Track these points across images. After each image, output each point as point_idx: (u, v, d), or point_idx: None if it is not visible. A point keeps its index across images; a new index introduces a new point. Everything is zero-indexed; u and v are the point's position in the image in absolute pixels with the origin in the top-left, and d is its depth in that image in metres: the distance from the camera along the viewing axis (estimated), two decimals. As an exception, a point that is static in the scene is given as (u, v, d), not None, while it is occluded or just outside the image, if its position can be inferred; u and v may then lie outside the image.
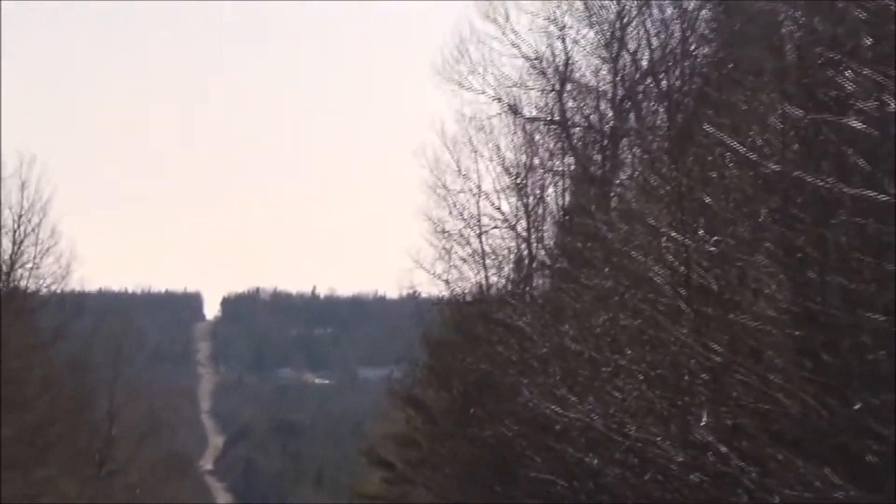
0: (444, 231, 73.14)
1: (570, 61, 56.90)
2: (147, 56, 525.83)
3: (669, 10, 48.74)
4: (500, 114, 63.43)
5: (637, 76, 52.05)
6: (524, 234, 66.55)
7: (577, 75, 58.00)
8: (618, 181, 53.94)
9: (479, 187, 68.43)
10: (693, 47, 46.60)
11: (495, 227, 68.62)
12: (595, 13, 54.12)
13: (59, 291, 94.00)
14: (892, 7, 29.68)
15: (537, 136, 62.57)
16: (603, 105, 55.81)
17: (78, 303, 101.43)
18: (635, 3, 51.45)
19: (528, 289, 64.73)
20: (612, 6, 53.16)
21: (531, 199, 65.58)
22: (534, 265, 65.72)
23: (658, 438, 39.94)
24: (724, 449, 36.22)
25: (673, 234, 39.51)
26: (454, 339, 76.98)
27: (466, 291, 74.78)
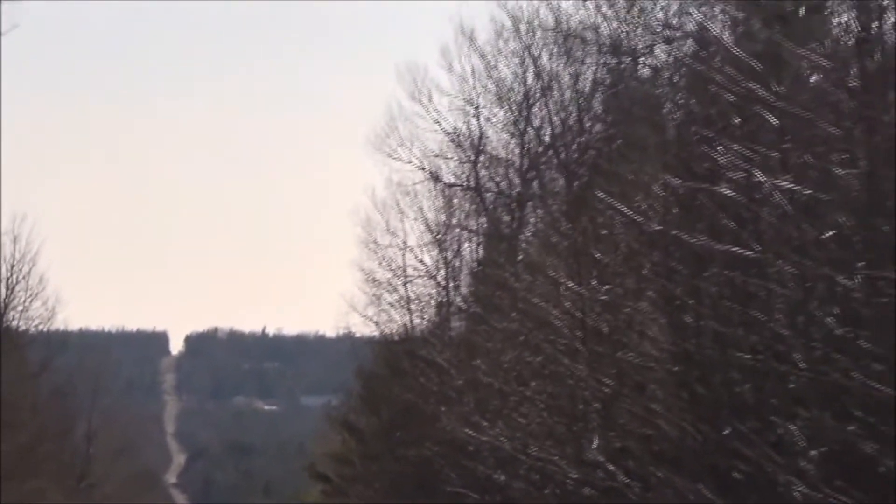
0: (374, 280, 73.39)
1: (483, 136, 57.19)
2: (96, 107, 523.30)
3: (568, 93, 48.79)
4: (423, 180, 63.84)
5: (540, 149, 52.16)
6: (443, 283, 66.70)
7: (490, 148, 58.15)
8: (523, 238, 54.03)
9: (404, 243, 68.74)
10: (588, 125, 46.73)
11: (419, 277, 68.92)
12: (504, 95, 54.24)
13: (45, 330, 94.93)
14: (757, 91, 29.94)
15: (455, 200, 62.78)
16: (511, 174, 55.91)
17: (62, 340, 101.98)
18: (539, 86, 51.54)
19: (446, 330, 64.76)
20: (520, 89, 53.32)
21: (449, 253, 65.79)
22: (451, 310, 65.84)
23: (556, 458, 40.11)
24: (612, 467, 36.44)
25: (570, 284, 39.67)
26: (383, 373, 77.35)
27: (394, 332, 74.95)
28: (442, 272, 67.15)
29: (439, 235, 66.11)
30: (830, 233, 28.82)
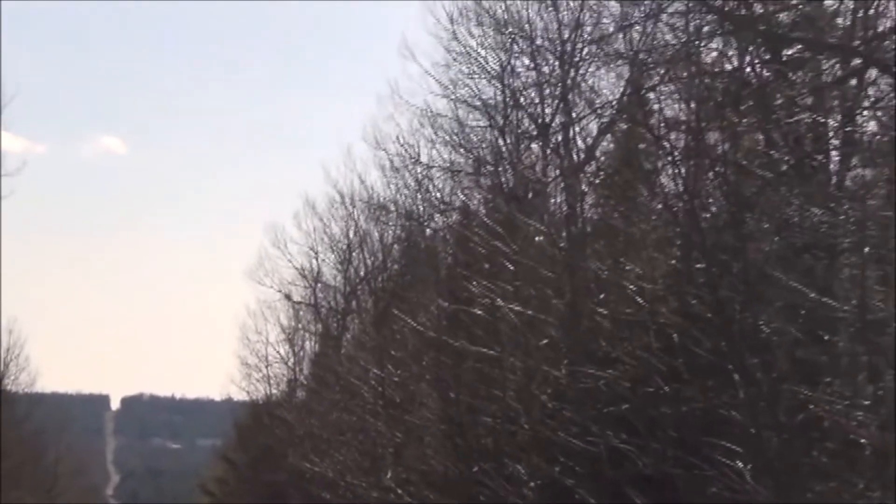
0: (246, 363, 72.95)
1: (320, 272, 57.30)
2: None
3: (377, 244, 49.00)
4: (280, 299, 63.91)
5: (357, 281, 52.24)
6: (292, 367, 66.53)
7: (324, 279, 58.20)
8: (345, 339, 53.98)
9: (266, 339, 68.66)
10: (389, 265, 46.88)
11: (276, 363, 68.80)
12: (335, 245, 54.41)
13: (27, 392, 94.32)
14: (499, 247, 30.16)
15: (301, 313, 62.78)
16: (338, 296, 55.92)
17: (38, 398, 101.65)
18: (357, 239, 51.82)
19: (293, 398, 64.55)
20: (345, 241, 53.70)
21: (297, 347, 65.66)
22: (297, 384, 65.59)
23: (363, 484, 39.92)
24: (400, 491, 36.37)
25: (375, 370, 39.69)
26: (251, 425, 77.23)
27: (259, 398, 74.60)
28: (291, 360, 67.01)
29: (290, 335, 66.02)
30: (545, 340, 29.06)
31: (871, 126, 19.75)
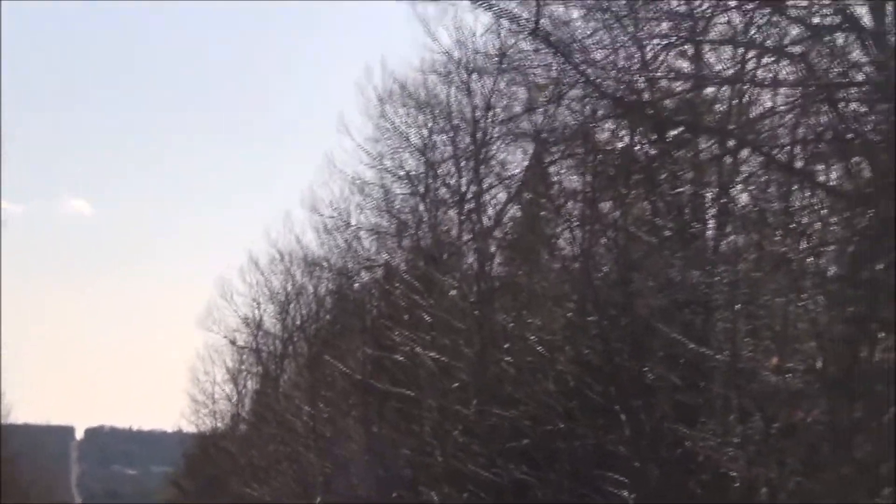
0: (196, 400, 72.15)
1: (261, 321, 56.73)
2: None
3: (311, 297, 48.61)
4: (226, 344, 63.20)
5: (294, 328, 51.79)
6: (236, 403, 65.81)
7: (266, 327, 57.63)
8: (283, 380, 53.50)
9: (213, 379, 68.00)
10: (322, 316, 46.55)
11: (222, 399, 68.10)
12: (275, 297, 53.92)
13: (3, 424, 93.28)
14: (418, 300, 30.02)
15: (244, 356, 62.14)
16: (277, 342, 55.41)
17: (10, 430, 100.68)
18: (294, 292, 51.43)
19: (237, 431, 63.90)
20: (283, 294, 53.26)
21: (240, 386, 65.00)
22: (240, 419, 64.87)
23: None
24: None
25: (307, 407, 39.47)
26: (199, 454, 76.46)
27: (206, 431, 73.72)
28: (235, 397, 66.32)
29: (234, 376, 65.36)
30: (457, 384, 28.94)
31: (744, 198, 19.77)
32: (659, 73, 18.06)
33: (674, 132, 19.44)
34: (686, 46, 17.94)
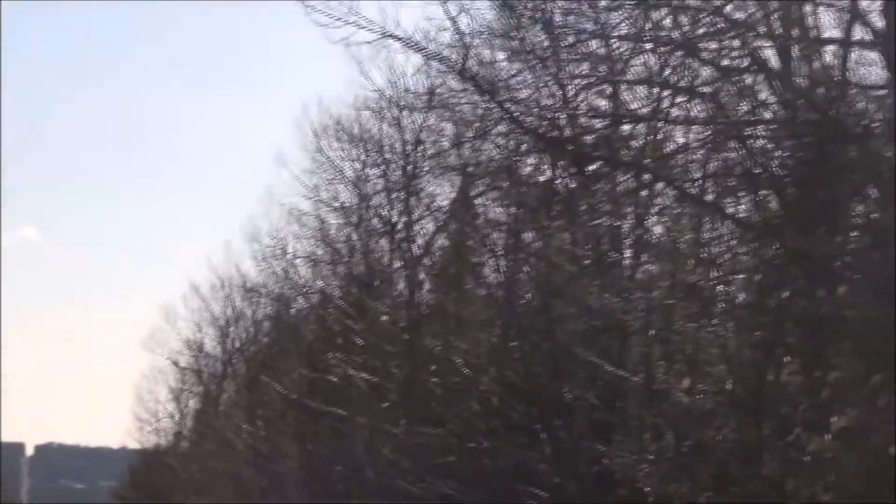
0: (140, 418, 71.23)
1: (202, 344, 56.14)
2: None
3: (250, 321, 48.29)
4: (170, 366, 62.57)
5: (233, 351, 51.37)
6: (178, 422, 65.07)
7: (207, 349, 57.05)
8: (222, 401, 53.01)
9: (157, 398, 67.26)
10: (260, 338, 46.19)
11: (165, 418, 67.36)
12: (215, 321, 53.45)
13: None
14: (351, 325, 29.81)
15: (186, 377, 61.43)
16: (217, 363, 54.90)
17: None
18: (233, 317, 51.04)
19: (178, 448, 63.22)
20: (223, 319, 52.81)
21: (182, 404, 64.34)
22: (182, 437, 64.15)
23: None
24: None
25: (246, 425, 39.12)
26: (144, 469, 75.77)
27: (151, 447, 72.88)
28: (177, 416, 65.55)
29: (177, 395, 64.65)
30: (387, 403, 28.74)
31: (658, 230, 19.73)
32: (579, 111, 18.01)
33: (593, 167, 19.34)
34: (604, 86, 17.87)
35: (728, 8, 15.82)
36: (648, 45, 16.80)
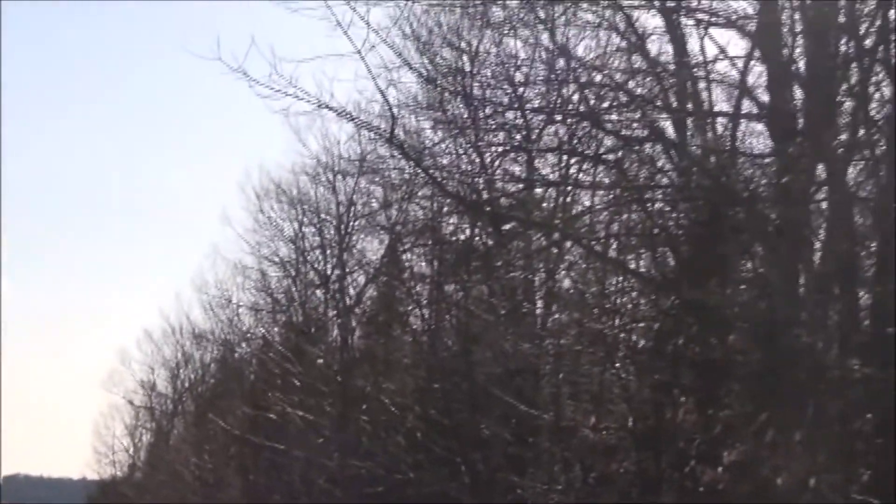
0: (98, 451, 69.59)
1: (155, 384, 54.98)
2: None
3: (198, 364, 47.42)
4: (124, 403, 61.28)
5: (183, 391, 50.38)
6: (133, 455, 63.80)
7: (159, 389, 55.91)
8: (173, 434, 52.00)
9: (113, 433, 65.95)
10: (208, 379, 45.39)
11: (120, 451, 65.88)
12: (167, 363, 52.52)
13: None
14: (290, 368, 29.23)
15: (140, 413, 60.34)
16: (168, 402, 53.88)
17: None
18: (183, 360, 50.18)
19: (132, 480, 61.89)
20: (174, 359, 51.92)
21: (137, 439, 63.03)
22: (136, 468, 62.84)
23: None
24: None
25: (193, 458, 38.30)
26: (102, 498, 73.61)
27: (107, 478, 71.16)
28: (132, 449, 64.18)
29: (131, 431, 63.35)
30: (322, 439, 28.22)
31: (567, 283, 19.49)
32: (496, 177, 17.82)
33: (508, 226, 19.10)
34: (519, 154, 17.70)
35: (629, 84, 15.70)
36: (558, 117, 16.66)
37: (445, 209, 20.89)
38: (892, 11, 13.97)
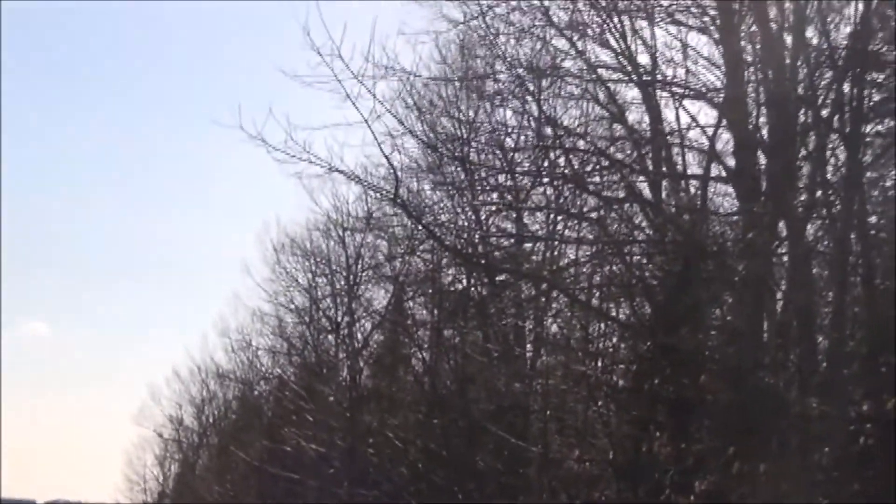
0: (130, 479, 68.54)
1: (182, 419, 54.34)
2: None
3: (222, 400, 47.01)
4: (154, 436, 60.39)
5: (207, 425, 49.82)
6: (162, 483, 62.96)
7: (186, 424, 55.30)
8: (199, 465, 51.36)
9: (145, 464, 65.21)
10: (230, 415, 44.90)
11: (151, 480, 65.08)
12: (193, 399, 52.07)
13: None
14: (310, 406, 28.92)
15: (169, 446, 59.62)
16: (194, 436, 53.30)
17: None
18: (209, 393, 49.74)
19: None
20: (203, 396, 51.49)
21: (165, 468, 62.27)
22: (165, 496, 61.98)
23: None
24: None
25: (217, 487, 37.76)
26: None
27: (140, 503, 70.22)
28: (161, 478, 63.24)
29: (161, 461, 62.47)
30: (332, 469, 27.91)
31: (554, 329, 19.37)
32: (490, 232, 17.74)
33: (501, 277, 19.00)
34: (510, 212, 17.65)
35: (610, 150, 15.69)
36: (546, 179, 16.63)
37: (444, 262, 20.81)
38: (845, 85, 14.00)
